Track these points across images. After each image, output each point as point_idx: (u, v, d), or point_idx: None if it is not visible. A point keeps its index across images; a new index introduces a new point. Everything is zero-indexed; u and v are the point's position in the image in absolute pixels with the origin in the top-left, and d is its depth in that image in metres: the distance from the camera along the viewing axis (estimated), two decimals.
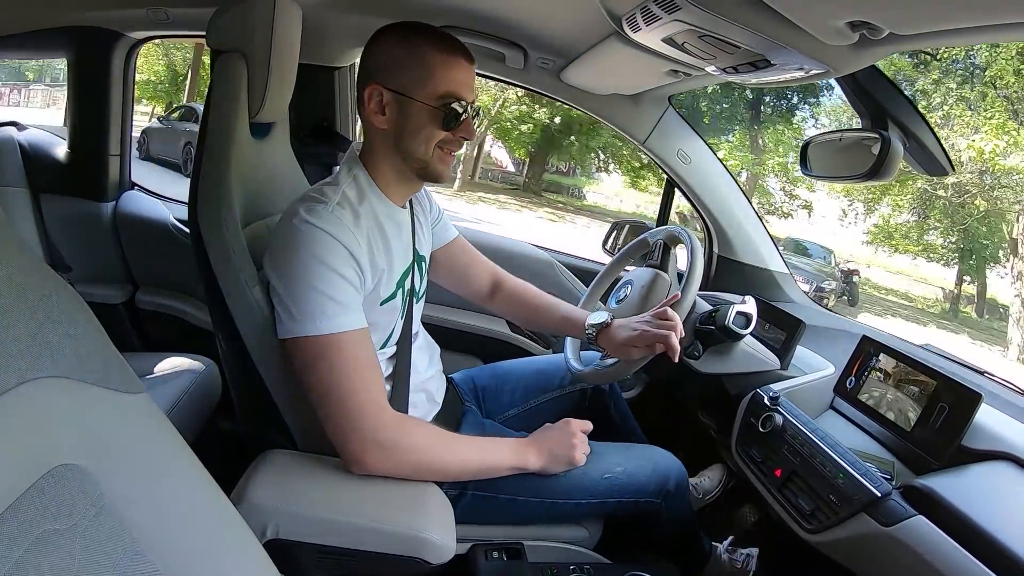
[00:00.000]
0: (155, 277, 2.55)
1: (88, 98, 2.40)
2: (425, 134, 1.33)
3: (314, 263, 1.21)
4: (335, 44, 2.35)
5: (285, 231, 1.26)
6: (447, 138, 1.35)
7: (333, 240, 1.23)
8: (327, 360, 1.22)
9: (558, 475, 1.50)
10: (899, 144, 1.43)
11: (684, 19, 1.20)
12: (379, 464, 1.27)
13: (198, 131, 1.43)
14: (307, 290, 1.21)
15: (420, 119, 1.32)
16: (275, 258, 1.27)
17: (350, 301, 1.25)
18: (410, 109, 1.32)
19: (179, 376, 1.94)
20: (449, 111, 1.32)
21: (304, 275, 1.21)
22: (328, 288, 1.22)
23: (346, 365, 1.23)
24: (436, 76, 1.31)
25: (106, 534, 0.71)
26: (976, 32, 1.02)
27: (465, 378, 1.88)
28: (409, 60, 1.32)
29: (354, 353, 1.25)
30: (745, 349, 1.75)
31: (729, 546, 1.82)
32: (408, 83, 1.31)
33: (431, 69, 1.31)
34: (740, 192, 2.43)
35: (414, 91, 1.31)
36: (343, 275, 1.24)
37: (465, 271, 1.83)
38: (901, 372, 1.50)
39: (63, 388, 0.71)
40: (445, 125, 1.33)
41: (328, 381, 1.23)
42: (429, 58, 1.31)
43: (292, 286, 1.22)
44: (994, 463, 1.32)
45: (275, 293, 1.26)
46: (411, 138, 1.34)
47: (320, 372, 1.23)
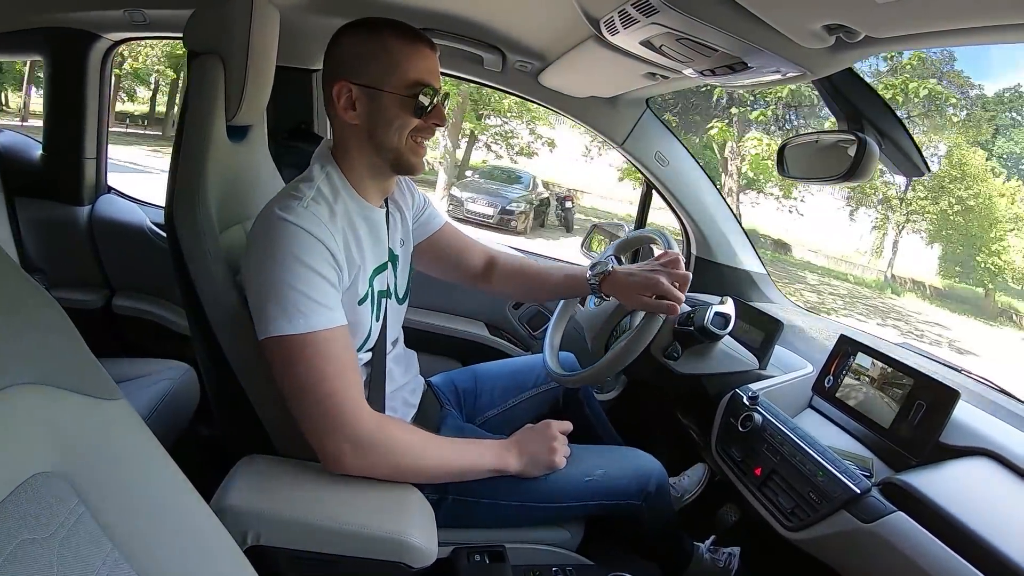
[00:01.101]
0: (132, 281, 2.52)
1: (64, 100, 2.38)
2: (398, 124, 1.33)
3: (290, 261, 1.20)
4: (312, 46, 2.34)
5: (261, 229, 1.25)
6: (419, 126, 1.34)
7: (309, 236, 1.22)
8: (304, 359, 1.21)
9: (538, 478, 1.50)
10: (875, 145, 1.45)
11: (662, 22, 1.21)
12: (356, 464, 1.26)
13: (175, 134, 1.42)
14: (284, 288, 1.19)
15: (392, 110, 1.32)
16: (251, 257, 1.25)
17: (328, 299, 1.24)
18: (381, 101, 1.32)
19: (157, 381, 1.92)
20: (417, 99, 1.32)
21: (281, 273, 1.20)
22: (305, 286, 1.20)
23: (324, 364, 1.22)
24: (403, 65, 1.31)
25: (85, 543, 0.70)
26: (950, 35, 1.03)
27: (445, 381, 1.88)
28: (375, 53, 1.32)
29: (332, 351, 1.23)
30: (724, 349, 1.76)
31: (711, 545, 1.83)
32: (376, 75, 1.31)
33: (397, 59, 1.31)
34: (718, 194, 2.45)
35: (383, 83, 1.31)
36: (320, 272, 1.23)
37: (457, 257, 1.82)
38: (879, 371, 1.51)
39: (39, 395, 0.71)
40: (417, 113, 1.32)
41: (305, 381, 1.22)
42: (394, 49, 1.31)
43: (269, 285, 1.20)
44: (972, 459, 1.34)
45: (252, 293, 1.24)
46: (384, 130, 1.34)
47: (297, 372, 1.21)
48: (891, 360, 1.50)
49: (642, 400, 2.41)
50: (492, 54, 2.12)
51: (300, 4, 2.03)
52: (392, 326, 1.55)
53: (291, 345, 1.20)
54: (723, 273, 2.45)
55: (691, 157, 2.42)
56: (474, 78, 2.38)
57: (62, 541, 0.68)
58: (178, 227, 1.32)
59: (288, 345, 1.20)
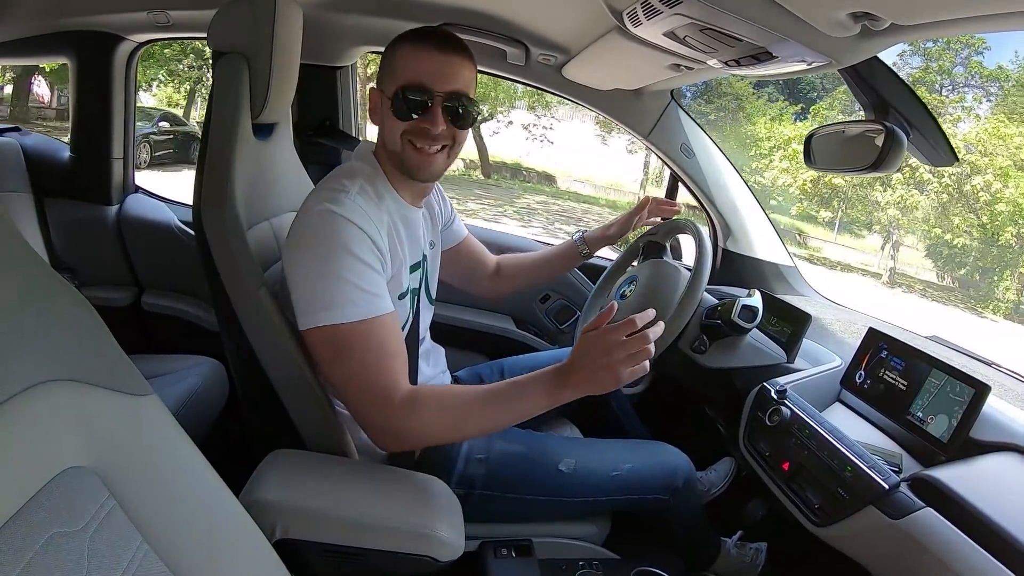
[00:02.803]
0: (160, 279, 2.55)
1: (91, 102, 2.40)
2: (390, 127, 1.34)
3: (338, 251, 1.20)
4: (336, 44, 2.35)
5: (307, 222, 1.26)
6: (408, 128, 1.33)
7: (356, 228, 1.23)
8: (353, 348, 1.21)
9: (565, 473, 1.50)
10: (902, 134, 1.43)
11: (685, 12, 1.20)
12: (396, 448, 1.29)
13: (200, 133, 1.43)
14: (332, 279, 1.20)
15: (386, 112, 1.34)
16: (297, 249, 1.25)
17: (376, 287, 1.24)
18: (383, 106, 1.34)
19: (186, 377, 1.95)
20: (402, 101, 1.30)
21: (330, 264, 1.20)
22: (354, 276, 1.21)
23: (371, 351, 1.22)
24: (398, 68, 1.31)
25: (116, 536, 0.71)
26: (977, 22, 1.01)
27: (471, 375, 1.88)
28: (386, 58, 1.34)
29: (380, 339, 1.23)
30: (751, 343, 1.74)
31: (738, 540, 1.83)
32: (383, 81, 1.34)
33: (396, 63, 1.32)
34: (744, 186, 2.43)
35: (385, 87, 1.34)
36: (367, 262, 1.23)
37: (473, 267, 1.86)
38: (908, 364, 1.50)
39: (71, 391, 0.72)
40: (398, 114, 1.32)
41: (353, 368, 1.22)
42: (398, 53, 1.32)
43: (317, 276, 1.21)
44: (1002, 454, 1.32)
45: (297, 284, 1.24)
46: (387, 134, 1.36)
47: (345, 360, 1.22)
48: (921, 353, 1.48)
49: (669, 394, 2.40)
50: (515, 48, 2.11)
51: (323, 2, 2.04)
52: (422, 324, 1.56)
53: (340, 334, 1.20)
54: (750, 266, 2.43)
55: (717, 149, 2.40)
56: (497, 72, 2.37)
57: (93, 534, 0.69)
58: (206, 225, 1.33)
59: (337, 334, 1.20)
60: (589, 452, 1.60)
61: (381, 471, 1.37)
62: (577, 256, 1.96)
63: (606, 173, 26.80)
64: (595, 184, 27.05)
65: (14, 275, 0.71)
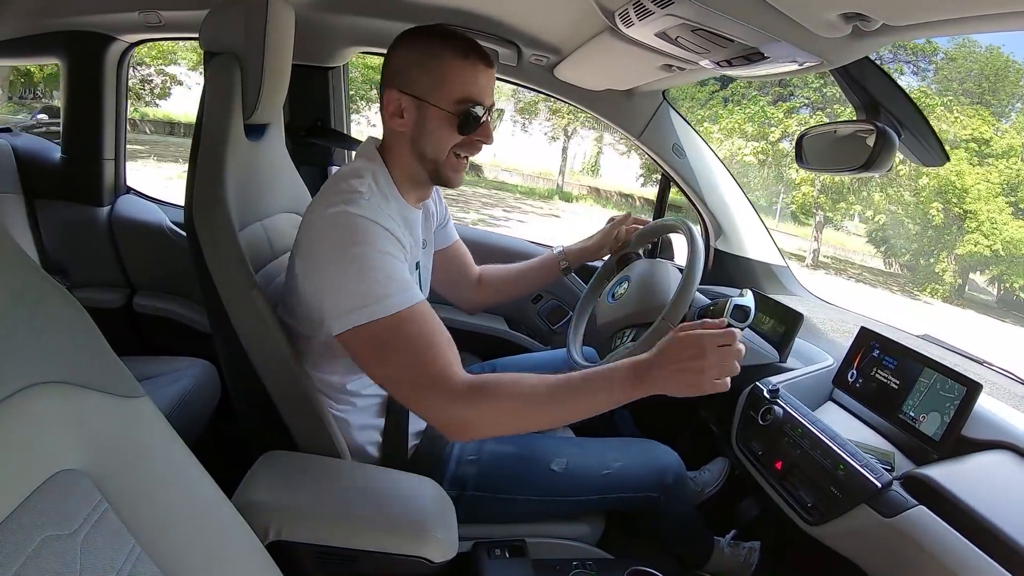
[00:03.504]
0: (152, 281, 2.54)
1: (82, 102, 2.39)
2: (441, 139, 1.34)
3: (364, 249, 1.19)
4: (328, 44, 2.34)
5: (325, 225, 1.24)
6: (463, 142, 1.35)
7: (381, 228, 1.22)
8: (397, 339, 1.19)
9: (556, 473, 1.50)
10: (893, 135, 1.43)
11: (677, 13, 1.20)
12: (462, 438, 1.31)
13: (192, 133, 1.43)
14: (364, 277, 1.18)
15: (436, 123, 1.33)
16: (318, 254, 1.24)
17: (407, 277, 1.24)
18: (427, 113, 1.33)
19: (178, 379, 1.94)
20: (465, 116, 1.32)
21: (357, 263, 1.19)
22: (384, 270, 1.20)
23: (417, 339, 1.20)
24: (452, 81, 1.31)
25: (108, 539, 0.71)
26: (969, 22, 1.01)
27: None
28: (425, 64, 1.32)
29: (422, 325, 1.22)
30: (744, 342, 1.75)
31: (732, 539, 1.83)
32: (424, 88, 1.32)
33: (447, 73, 1.31)
34: (736, 186, 2.43)
35: (431, 96, 1.31)
36: (394, 255, 1.23)
37: (459, 275, 1.87)
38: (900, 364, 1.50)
39: (63, 393, 0.71)
40: (461, 129, 1.33)
41: (402, 359, 1.19)
42: (445, 62, 1.31)
43: (346, 277, 1.19)
44: (994, 452, 1.32)
45: (323, 290, 1.23)
46: (427, 142, 1.35)
47: (392, 352, 1.19)
48: (913, 352, 1.49)
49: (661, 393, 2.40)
50: (507, 48, 2.11)
51: (315, 2, 2.04)
52: None
53: (383, 329, 1.18)
54: (742, 265, 2.43)
55: (709, 149, 2.41)
56: None
57: (85, 537, 0.69)
58: (198, 226, 1.32)
59: (380, 329, 1.18)
60: (580, 451, 1.61)
61: (374, 472, 1.38)
62: (557, 269, 1.97)
63: (532, 162, 27.39)
64: (522, 173, 27.55)
65: (5, 277, 0.71)
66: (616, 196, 26.01)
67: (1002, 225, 19.48)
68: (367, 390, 1.44)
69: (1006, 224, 19.51)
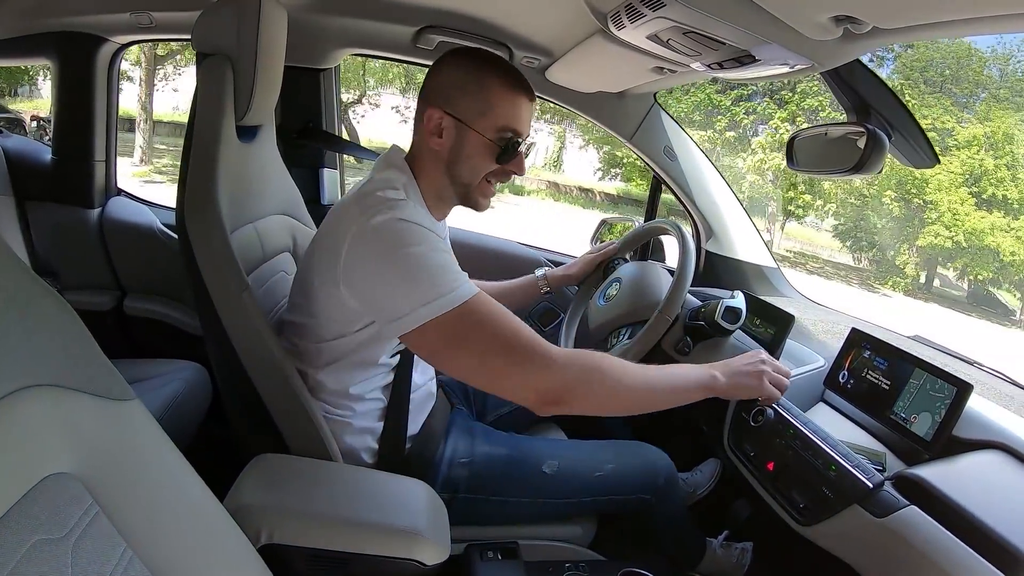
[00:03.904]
0: (143, 283, 2.53)
1: (73, 103, 2.38)
2: (478, 164, 1.36)
3: (426, 250, 1.20)
4: (320, 46, 2.34)
5: (371, 236, 1.23)
6: (497, 170, 1.37)
7: (423, 228, 1.23)
8: (475, 325, 1.20)
9: (548, 475, 1.50)
10: (884, 137, 1.44)
11: (669, 16, 1.21)
12: (554, 411, 1.25)
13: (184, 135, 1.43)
14: (427, 274, 1.19)
15: (475, 148, 1.34)
16: (367, 265, 1.23)
17: (460, 270, 1.25)
18: (467, 137, 1.34)
19: (169, 382, 1.94)
20: (505, 145, 1.34)
21: (412, 265, 1.19)
22: (440, 264, 1.21)
23: (493, 321, 1.21)
24: (497, 109, 1.33)
25: (99, 543, 0.71)
26: (959, 25, 1.02)
27: (456, 380, 1.88)
28: (472, 89, 1.33)
29: (492, 308, 1.22)
30: (735, 344, 1.75)
31: (724, 540, 1.83)
32: (468, 112, 1.33)
33: (493, 101, 1.33)
34: (728, 188, 2.44)
35: (473, 121, 1.33)
36: (449, 252, 1.26)
37: None
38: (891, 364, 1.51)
39: (53, 396, 0.71)
40: (499, 158, 1.35)
41: (485, 344, 1.20)
42: (493, 91, 1.33)
43: (412, 278, 1.19)
44: (985, 452, 1.33)
45: (384, 296, 1.22)
46: (463, 164, 1.36)
47: (473, 339, 1.20)
48: (904, 353, 1.49)
49: None
50: (499, 50, 2.11)
51: (307, 4, 2.03)
52: None
53: (458, 318, 1.19)
54: (733, 267, 2.44)
55: (700, 151, 2.42)
56: None
57: (76, 541, 0.69)
58: (189, 228, 1.32)
59: (455, 319, 1.18)
60: (572, 453, 1.61)
61: (366, 475, 1.38)
62: (537, 292, 1.99)
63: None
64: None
65: None
66: (576, 191, 25.83)
67: (964, 216, 19.29)
68: (370, 395, 1.44)
69: (968, 215, 19.33)
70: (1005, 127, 20.02)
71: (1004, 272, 20.42)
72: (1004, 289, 21.94)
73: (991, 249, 19.49)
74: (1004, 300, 22.00)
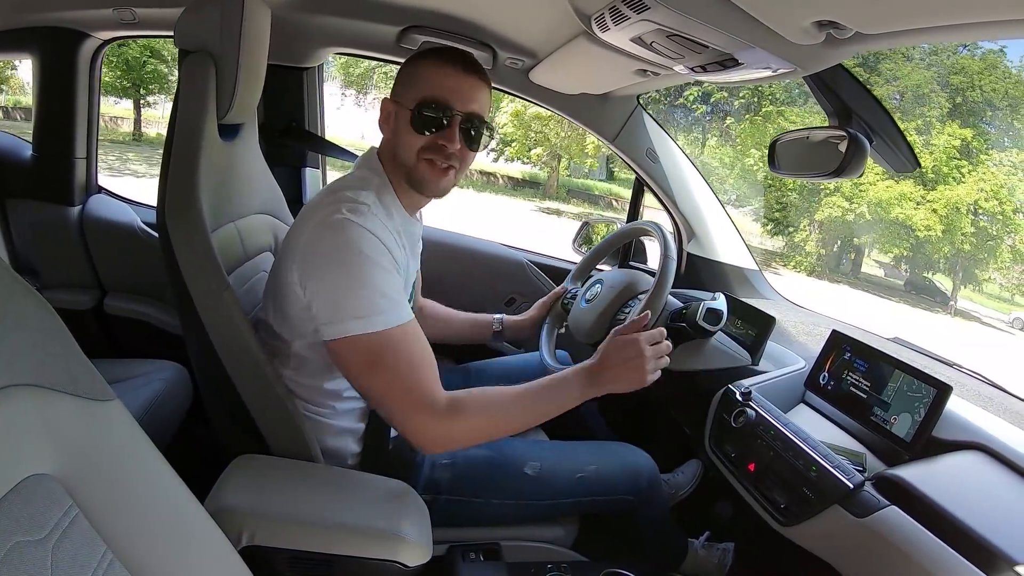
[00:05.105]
0: (124, 282, 2.50)
1: (54, 100, 2.35)
2: (406, 140, 1.35)
3: (363, 262, 1.21)
4: (303, 45, 2.33)
5: (326, 233, 1.25)
6: (427, 144, 1.35)
7: (378, 241, 1.24)
8: (386, 355, 1.23)
9: (530, 476, 1.51)
10: (865, 141, 1.45)
11: (653, 19, 1.21)
12: (440, 451, 1.35)
13: (166, 132, 1.42)
14: (360, 289, 1.21)
15: (402, 124, 1.35)
16: (316, 259, 1.25)
17: (400, 295, 1.26)
18: (399, 117, 1.35)
19: (150, 382, 1.92)
20: (422, 115, 1.32)
21: (355, 273, 1.21)
22: (380, 285, 1.22)
23: (404, 358, 1.24)
24: (420, 82, 1.33)
25: (79, 544, 0.70)
26: (941, 31, 1.03)
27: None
28: (407, 71, 1.36)
29: (410, 344, 1.25)
30: (716, 346, 1.76)
31: (706, 541, 1.84)
32: (400, 91, 1.36)
33: (418, 75, 1.34)
34: (709, 190, 2.45)
35: (401, 97, 1.34)
36: (389, 271, 1.25)
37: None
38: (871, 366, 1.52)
39: (31, 396, 0.70)
40: (417, 128, 1.33)
41: (387, 376, 1.24)
42: (420, 66, 1.35)
43: (345, 287, 1.21)
44: (965, 453, 1.34)
45: (318, 294, 1.24)
46: (398, 144, 1.37)
47: (379, 368, 1.23)
48: (883, 355, 1.50)
49: (635, 397, 2.40)
50: (482, 51, 2.11)
51: (291, 2, 2.02)
52: None
53: (373, 343, 1.21)
54: (715, 269, 2.45)
55: (682, 153, 2.42)
56: None
57: (56, 543, 0.68)
58: (170, 227, 1.31)
59: (369, 343, 1.21)
60: (554, 455, 1.61)
61: (347, 476, 1.37)
62: (489, 332, 2.01)
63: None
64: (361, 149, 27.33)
65: None
66: (476, 175, 25.32)
67: (868, 186, 18.57)
68: (348, 393, 1.44)
69: (872, 184, 18.59)
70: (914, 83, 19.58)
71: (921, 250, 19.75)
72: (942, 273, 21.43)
73: (902, 223, 18.78)
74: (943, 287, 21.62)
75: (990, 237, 19.69)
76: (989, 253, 19.99)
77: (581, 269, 2.15)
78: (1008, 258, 19.98)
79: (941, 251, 19.76)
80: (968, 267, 20.88)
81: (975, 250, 19.80)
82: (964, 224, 18.90)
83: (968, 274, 21.26)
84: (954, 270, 21.10)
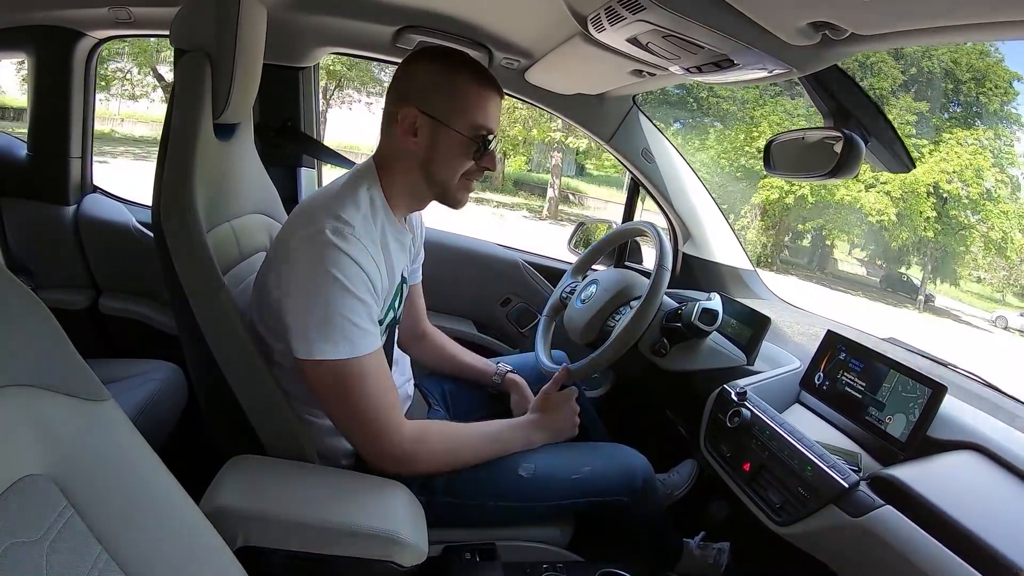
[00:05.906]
0: (119, 282, 2.50)
1: (49, 99, 2.35)
2: (455, 162, 1.37)
3: (338, 287, 1.22)
4: (299, 44, 2.33)
5: (307, 249, 1.26)
6: (472, 168, 1.39)
7: (357, 267, 1.25)
8: (349, 383, 1.26)
9: (525, 478, 1.51)
10: (860, 142, 1.45)
11: (648, 19, 1.21)
12: (402, 473, 1.35)
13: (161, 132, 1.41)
14: (331, 314, 1.22)
15: (452, 147, 1.36)
16: (294, 275, 1.26)
17: (369, 324, 1.27)
18: (444, 136, 1.35)
19: (145, 382, 1.92)
20: (480, 142, 1.36)
21: (329, 298, 1.22)
22: (351, 313, 1.24)
23: (366, 387, 1.27)
24: (472, 108, 1.35)
25: (74, 545, 0.70)
26: (936, 33, 1.03)
27: (432, 381, 1.89)
28: (447, 88, 1.35)
29: (373, 374, 1.28)
30: (711, 345, 1.76)
31: (701, 541, 1.84)
32: (445, 111, 1.34)
33: (468, 100, 1.35)
34: (705, 190, 2.46)
35: (450, 119, 1.34)
36: (364, 300, 1.26)
37: (408, 314, 1.84)
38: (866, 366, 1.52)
39: (26, 397, 0.70)
40: (474, 156, 1.37)
41: (349, 403, 1.28)
42: (467, 89, 1.35)
43: (316, 308, 1.23)
44: (959, 453, 1.34)
45: (291, 311, 1.26)
46: (440, 164, 1.38)
47: (341, 394, 1.27)
48: (878, 355, 1.51)
49: (630, 397, 2.41)
50: (478, 51, 2.11)
51: (287, 2, 2.02)
52: (394, 347, 1.60)
53: (336, 369, 1.24)
54: (710, 269, 2.46)
55: (678, 154, 2.43)
56: None
57: (51, 544, 0.68)
58: (165, 226, 1.31)
59: (333, 369, 1.24)
60: (549, 456, 1.61)
61: (343, 476, 1.37)
62: (489, 381, 1.94)
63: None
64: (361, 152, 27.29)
65: None
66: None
67: None
68: None
69: None
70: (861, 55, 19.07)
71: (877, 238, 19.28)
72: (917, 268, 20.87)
73: (849, 207, 18.36)
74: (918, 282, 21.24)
75: (961, 226, 19.31)
76: (959, 242, 19.63)
77: (582, 264, 2.15)
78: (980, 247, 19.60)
79: (899, 237, 19.34)
80: (944, 259, 20.50)
81: (944, 239, 19.38)
82: (924, 208, 18.54)
83: (946, 268, 20.90)
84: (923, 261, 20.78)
